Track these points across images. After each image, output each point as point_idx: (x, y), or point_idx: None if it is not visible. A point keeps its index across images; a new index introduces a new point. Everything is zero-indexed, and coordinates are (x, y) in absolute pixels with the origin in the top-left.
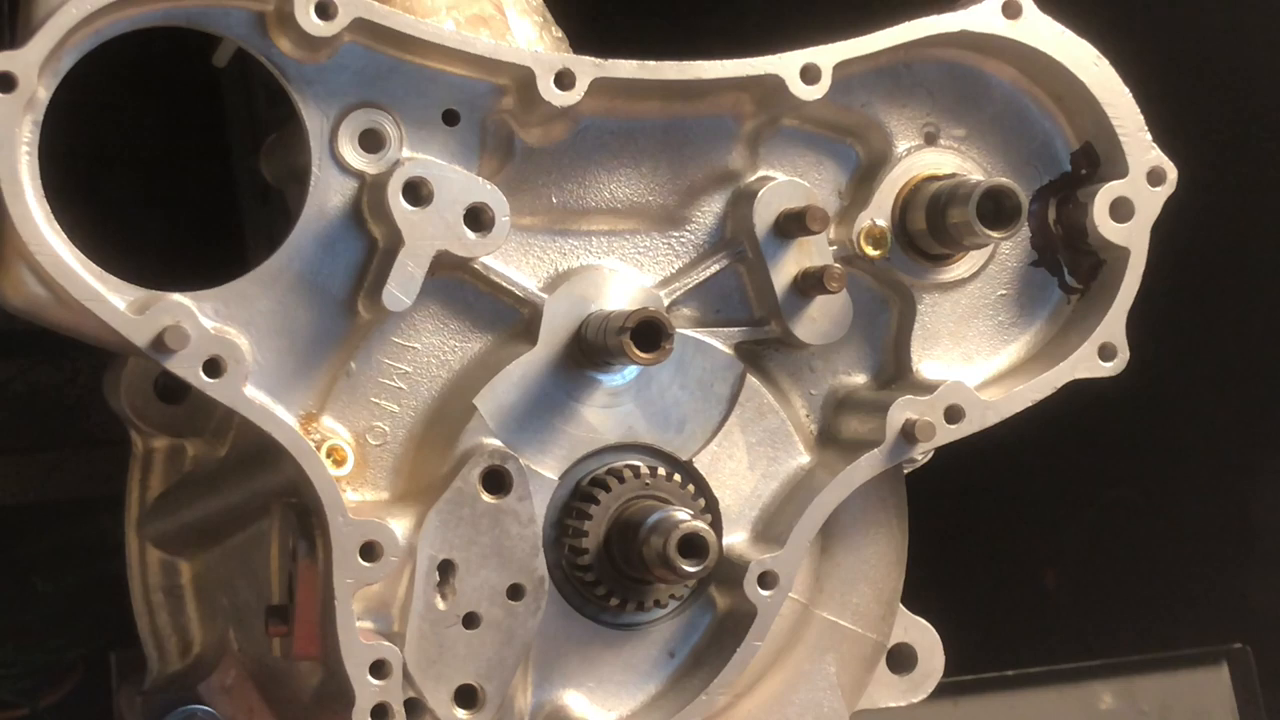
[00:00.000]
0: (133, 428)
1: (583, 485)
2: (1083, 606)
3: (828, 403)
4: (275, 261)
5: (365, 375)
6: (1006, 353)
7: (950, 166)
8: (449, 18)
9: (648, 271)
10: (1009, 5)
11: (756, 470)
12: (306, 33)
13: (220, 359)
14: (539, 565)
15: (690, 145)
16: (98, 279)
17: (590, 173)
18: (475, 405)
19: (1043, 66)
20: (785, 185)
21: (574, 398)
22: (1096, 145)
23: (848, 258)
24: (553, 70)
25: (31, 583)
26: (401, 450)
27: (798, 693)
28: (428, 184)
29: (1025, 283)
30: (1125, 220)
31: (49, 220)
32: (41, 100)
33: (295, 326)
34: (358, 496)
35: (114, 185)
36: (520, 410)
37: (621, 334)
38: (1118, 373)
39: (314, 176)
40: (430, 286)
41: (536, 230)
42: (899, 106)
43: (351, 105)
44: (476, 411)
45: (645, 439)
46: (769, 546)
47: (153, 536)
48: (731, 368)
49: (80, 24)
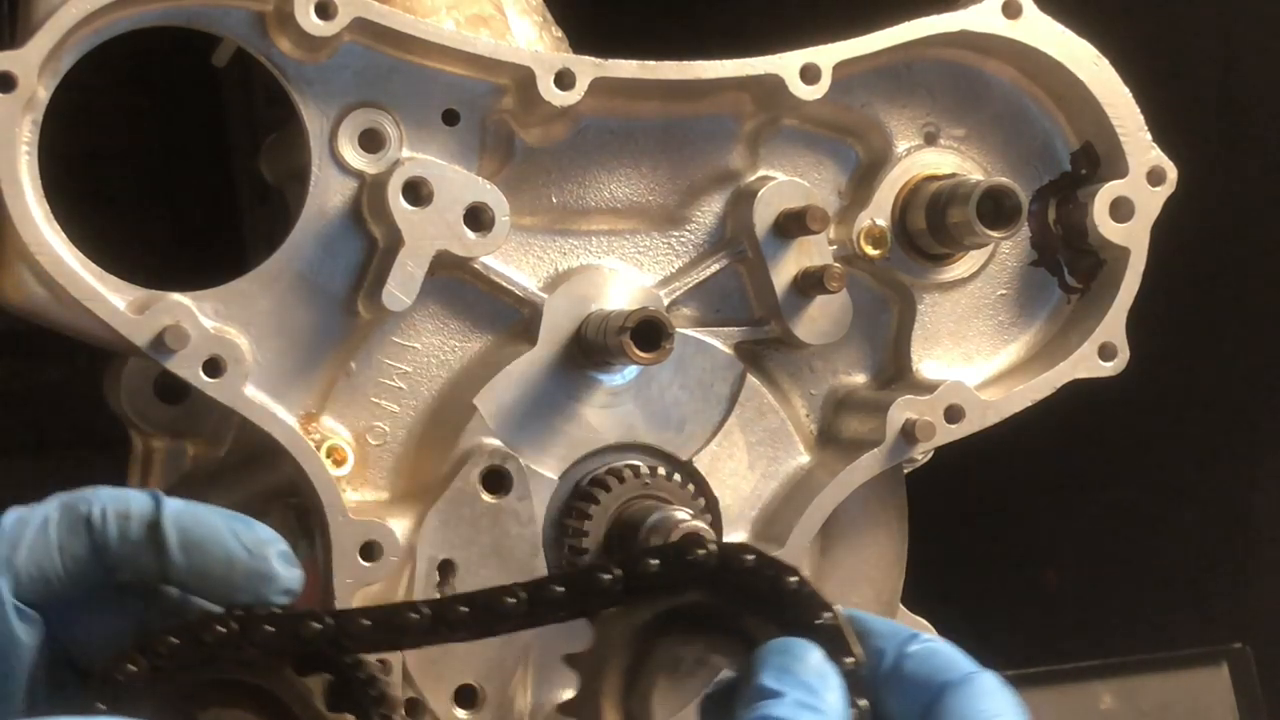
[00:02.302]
0: (132, 428)
1: (583, 485)
2: (1083, 606)
3: (828, 402)
4: (275, 261)
5: (365, 375)
6: (1006, 353)
7: (950, 166)
8: (449, 17)
9: (648, 271)
10: (1009, 5)
11: (756, 470)
12: (306, 32)
13: (220, 359)
14: (539, 565)
15: (690, 145)
16: (97, 278)
17: (590, 172)
18: (475, 405)
19: (1043, 66)
20: (785, 185)
21: (574, 397)
22: (1096, 145)
23: (848, 257)
24: (553, 70)
25: None
26: (401, 450)
27: None
28: (428, 184)
29: (1025, 283)
30: (1125, 220)
31: (49, 220)
32: (41, 100)
33: (295, 326)
34: (357, 496)
35: (114, 185)
36: (520, 410)
37: (621, 333)
38: (1118, 373)
39: (314, 176)
40: (430, 286)
41: (536, 230)
42: (899, 106)
43: (351, 105)
44: (476, 411)
45: (645, 439)
46: (769, 546)
47: None
48: (731, 367)
49: (80, 23)
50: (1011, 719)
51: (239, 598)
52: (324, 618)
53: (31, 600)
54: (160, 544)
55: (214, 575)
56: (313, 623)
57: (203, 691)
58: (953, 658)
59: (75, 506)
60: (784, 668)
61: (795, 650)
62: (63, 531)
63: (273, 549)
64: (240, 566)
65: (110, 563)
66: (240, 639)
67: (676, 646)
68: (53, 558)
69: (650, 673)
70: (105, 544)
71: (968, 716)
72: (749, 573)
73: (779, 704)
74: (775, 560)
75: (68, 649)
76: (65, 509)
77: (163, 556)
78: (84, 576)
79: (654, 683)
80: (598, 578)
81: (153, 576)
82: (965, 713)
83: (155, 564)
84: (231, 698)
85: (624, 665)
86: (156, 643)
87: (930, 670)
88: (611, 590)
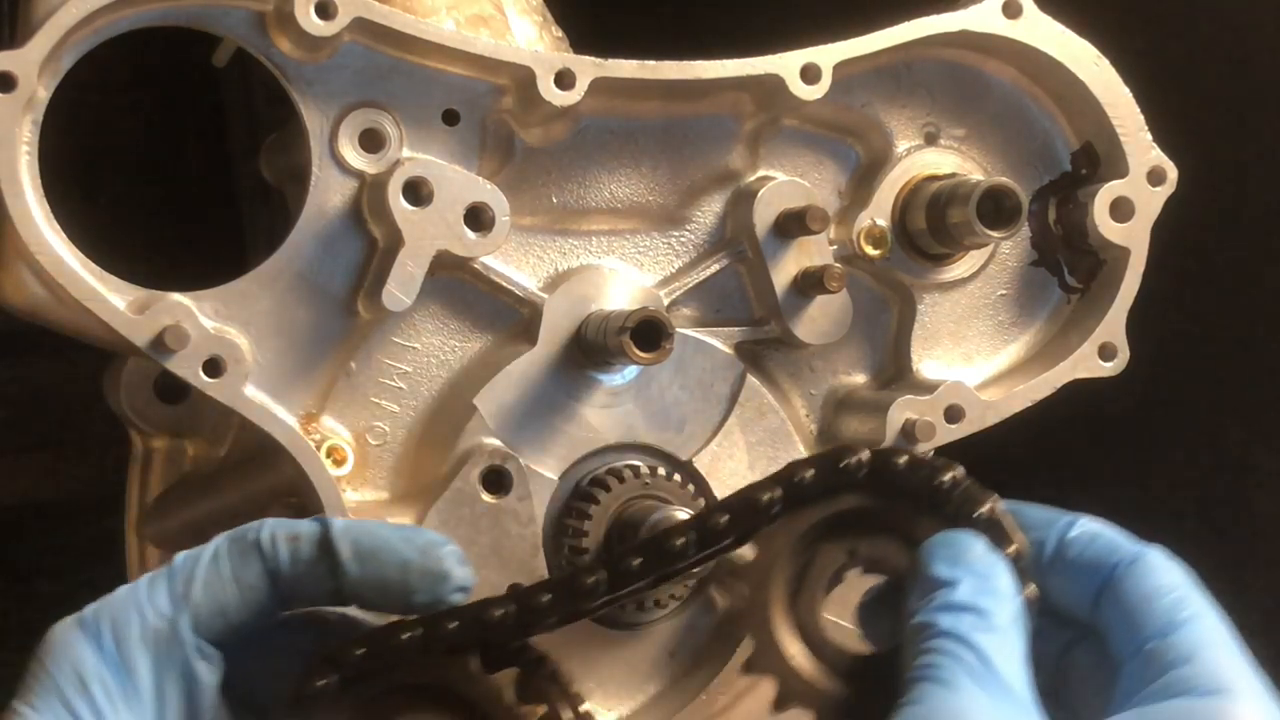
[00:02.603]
0: (132, 428)
1: (583, 485)
2: None
3: (828, 402)
4: (275, 261)
5: (365, 375)
6: (1006, 353)
7: (950, 166)
8: (449, 17)
9: (648, 271)
10: (1009, 5)
11: (756, 470)
12: (306, 32)
13: (220, 359)
14: (539, 565)
15: (690, 145)
16: (97, 279)
17: (590, 172)
18: (475, 405)
19: (1043, 66)
20: (785, 185)
21: (574, 397)
22: (1097, 145)
23: (848, 257)
24: (553, 70)
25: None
26: (401, 450)
27: None
28: (428, 184)
29: (1025, 283)
30: (1125, 220)
31: (49, 220)
32: (41, 100)
33: (295, 326)
34: (358, 496)
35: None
36: (520, 410)
37: (622, 333)
38: (1118, 373)
39: (314, 176)
40: (430, 286)
41: (536, 230)
42: (899, 106)
43: (351, 105)
44: (476, 411)
45: (645, 439)
46: None
47: (152, 536)
48: (731, 367)
49: (80, 23)
50: (1187, 591)
51: (417, 599)
52: (505, 601)
53: (210, 637)
54: (333, 559)
55: (390, 581)
56: (495, 609)
57: (393, 698)
58: (1116, 538)
59: (244, 536)
60: (953, 558)
61: (962, 541)
62: (235, 562)
63: (444, 549)
64: (415, 568)
65: (284, 588)
66: (426, 640)
67: (837, 550)
68: (228, 589)
69: (814, 578)
70: (278, 568)
71: (1144, 593)
72: (903, 473)
73: (954, 592)
74: (928, 459)
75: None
76: (233, 540)
77: (337, 571)
78: (259, 606)
79: (818, 588)
80: (758, 498)
81: (327, 596)
82: (1141, 590)
83: (330, 581)
84: (422, 702)
85: (788, 574)
86: (344, 654)
87: (1097, 552)
88: (771, 508)
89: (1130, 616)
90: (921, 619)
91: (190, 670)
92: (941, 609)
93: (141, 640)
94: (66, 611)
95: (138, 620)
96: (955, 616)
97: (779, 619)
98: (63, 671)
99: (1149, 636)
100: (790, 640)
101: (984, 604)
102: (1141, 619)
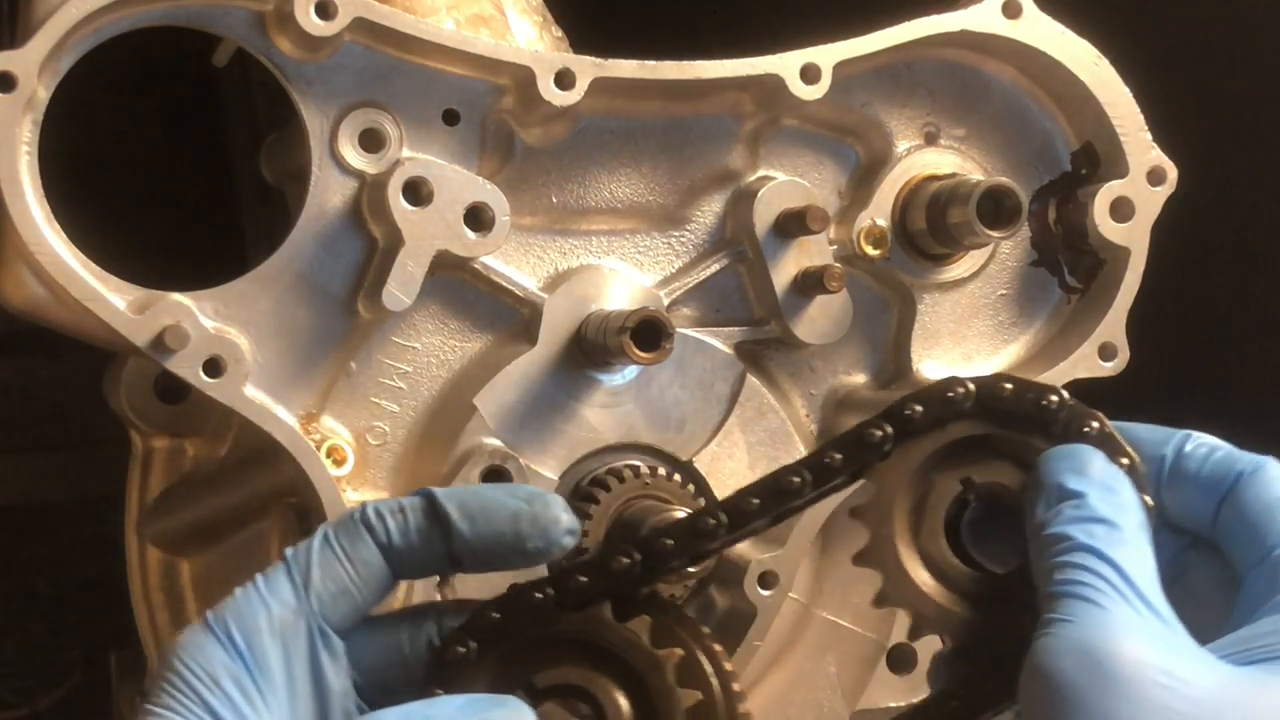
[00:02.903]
0: (132, 428)
1: (582, 485)
2: None
3: (828, 402)
4: (275, 261)
5: (365, 375)
6: (1006, 353)
7: (950, 166)
8: (449, 17)
9: (648, 271)
10: (1009, 5)
11: (756, 470)
12: (306, 32)
13: (220, 359)
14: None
15: (690, 145)
16: (97, 279)
17: (590, 172)
18: (475, 405)
19: (1043, 66)
20: (785, 185)
21: (574, 397)
22: (1097, 145)
23: (848, 257)
24: (553, 70)
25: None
26: (401, 450)
27: (798, 692)
28: (428, 184)
29: (1025, 282)
30: (1125, 220)
31: (49, 220)
32: (41, 100)
33: (295, 326)
34: (358, 496)
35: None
36: (520, 410)
37: (622, 333)
38: (1118, 373)
39: (314, 176)
40: (430, 286)
41: (536, 230)
42: (899, 106)
43: (351, 105)
44: (476, 411)
45: (645, 439)
46: (769, 546)
47: (152, 536)
48: (731, 367)
49: (80, 24)
50: None
51: (531, 546)
52: (630, 550)
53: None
54: (445, 522)
55: (504, 533)
56: (620, 557)
57: (532, 654)
58: (1232, 451)
59: (349, 518)
60: (1076, 470)
61: (1082, 454)
62: (346, 543)
63: (548, 495)
64: (525, 517)
65: (397, 560)
66: (558, 597)
67: (951, 479)
68: (344, 570)
69: (932, 508)
70: (389, 541)
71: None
72: (1010, 398)
73: (1084, 503)
74: (1032, 382)
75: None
76: (339, 525)
77: (450, 534)
78: (377, 582)
79: (938, 517)
80: (870, 434)
81: (439, 562)
82: (1265, 499)
83: (441, 545)
84: (561, 656)
85: (908, 506)
86: (479, 620)
87: (1215, 465)
88: (884, 443)
89: (1254, 526)
90: (1055, 530)
91: (318, 658)
92: (1073, 521)
93: (269, 632)
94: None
95: (264, 613)
96: (1088, 529)
97: (905, 551)
98: (194, 672)
99: (1276, 544)
100: (918, 569)
101: (1113, 516)
102: (1266, 528)
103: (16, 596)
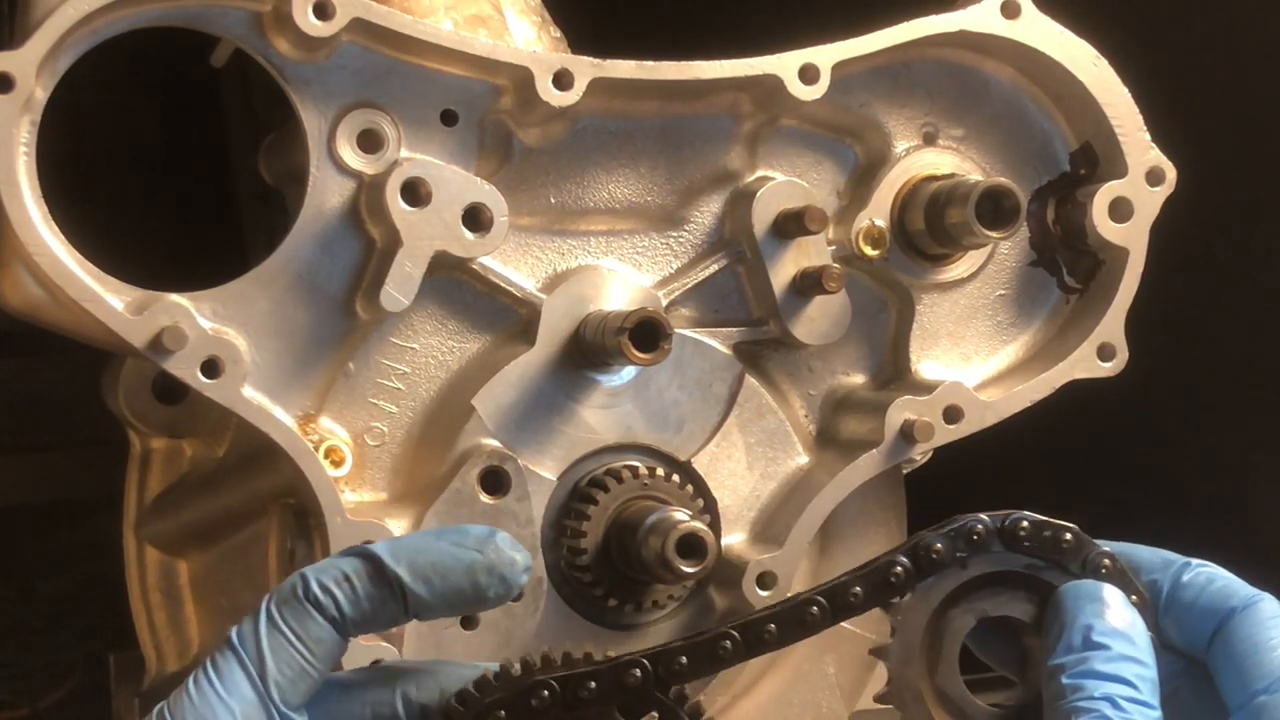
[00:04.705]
0: (131, 428)
1: (581, 486)
2: None
3: (826, 403)
4: (273, 262)
5: (363, 376)
6: (1005, 353)
7: (949, 166)
8: (447, 18)
9: (646, 271)
10: (1008, 5)
11: (755, 470)
12: (304, 33)
13: (218, 359)
14: (538, 566)
15: (689, 145)
16: (96, 279)
17: (589, 173)
18: (474, 405)
19: (1042, 66)
20: (784, 185)
21: (572, 398)
22: (1095, 145)
23: (846, 258)
24: (551, 70)
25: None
26: (400, 451)
27: (797, 693)
28: (426, 184)
29: (1024, 283)
30: (1124, 220)
31: (47, 221)
32: (39, 100)
33: (293, 327)
34: (356, 497)
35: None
36: (519, 411)
37: (620, 334)
38: (1117, 373)
39: (312, 177)
40: (428, 287)
41: (535, 230)
42: (898, 106)
43: (349, 105)
44: (475, 412)
45: (644, 439)
46: (768, 547)
47: (151, 537)
48: (730, 368)
49: (78, 24)
50: None
51: (492, 594)
52: (643, 662)
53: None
54: (397, 587)
55: (462, 589)
56: (634, 670)
57: None
58: (1231, 582)
59: (292, 595)
60: (1098, 614)
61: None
62: (295, 624)
63: (496, 538)
64: (481, 567)
65: (350, 627)
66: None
67: (967, 616)
68: (299, 651)
69: (948, 646)
70: (340, 615)
71: (1258, 641)
72: (1029, 539)
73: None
74: (1048, 520)
75: None
76: (284, 603)
77: (401, 593)
78: (332, 654)
79: (954, 655)
80: (890, 570)
81: (395, 618)
82: (1255, 639)
83: (395, 604)
84: None
85: (927, 644)
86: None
87: (1212, 596)
88: (903, 581)
89: (1242, 666)
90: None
91: None
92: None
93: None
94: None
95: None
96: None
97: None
98: None
99: (1260, 690)
100: (938, 710)
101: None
102: (1254, 670)
103: (16, 596)
